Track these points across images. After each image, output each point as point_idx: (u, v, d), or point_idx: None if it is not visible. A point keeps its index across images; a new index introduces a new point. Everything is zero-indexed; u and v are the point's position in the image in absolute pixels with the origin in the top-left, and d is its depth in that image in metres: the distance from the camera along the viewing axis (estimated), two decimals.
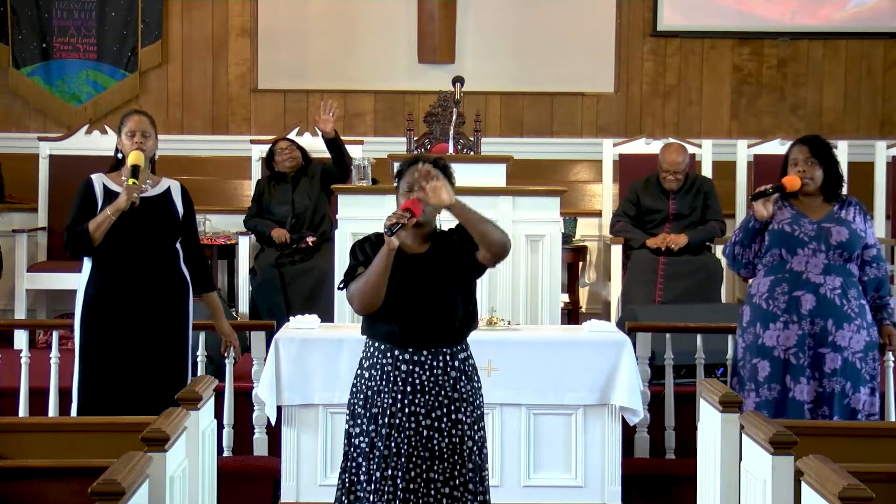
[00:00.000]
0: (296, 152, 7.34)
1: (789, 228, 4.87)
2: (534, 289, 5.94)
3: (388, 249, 3.81)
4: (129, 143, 4.96)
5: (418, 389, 3.93)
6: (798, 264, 4.84)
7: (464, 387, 3.97)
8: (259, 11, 8.67)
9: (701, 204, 7.32)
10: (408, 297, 3.90)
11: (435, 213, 3.98)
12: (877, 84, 8.74)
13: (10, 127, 8.49)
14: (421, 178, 3.87)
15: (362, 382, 4.01)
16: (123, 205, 4.82)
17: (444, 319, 3.93)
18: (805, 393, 4.78)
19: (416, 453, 3.91)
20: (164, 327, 4.93)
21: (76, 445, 3.95)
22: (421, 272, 3.93)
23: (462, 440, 3.94)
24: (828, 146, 4.96)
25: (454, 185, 4.01)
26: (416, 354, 3.94)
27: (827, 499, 3.14)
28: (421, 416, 3.92)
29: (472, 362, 4.05)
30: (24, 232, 7.39)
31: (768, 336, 4.84)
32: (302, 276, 6.99)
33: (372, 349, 4.01)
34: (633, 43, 8.73)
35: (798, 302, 4.80)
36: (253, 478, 5.57)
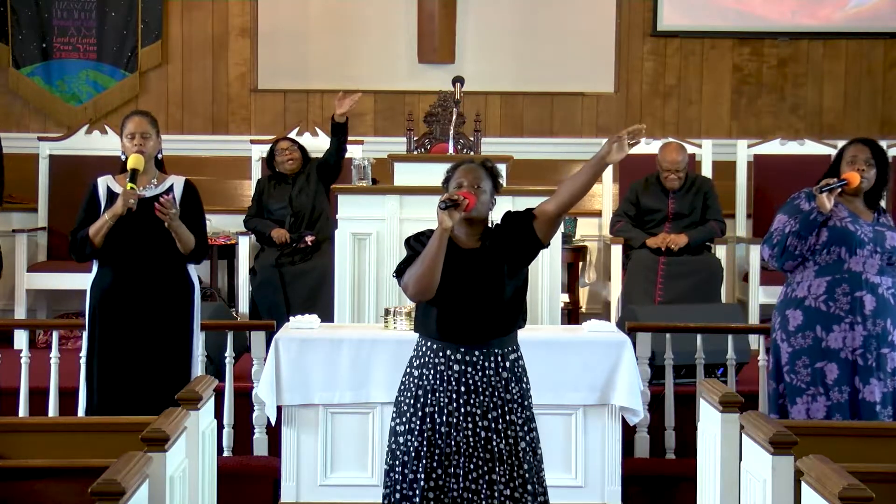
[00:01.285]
0: (296, 153, 7.33)
1: (852, 228, 4.84)
2: (534, 289, 5.93)
3: (441, 230, 3.83)
4: (130, 146, 4.97)
5: (472, 390, 3.96)
6: (856, 264, 4.81)
7: (514, 388, 4.00)
8: (259, 11, 8.66)
9: (701, 204, 7.32)
10: (461, 291, 3.92)
11: (489, 210, 4.01)
12: (877, 84, 8.74)
13: (10, 127, 8.48)
14: (635, 134, 3.87)
15: (412, 381, 4.02)
16: (120, 210, 4.85)
17: (496, 314, 3.96)
18: (876, 394, 4.76)
19: (476, 454, 3.94)
20: (169, 328, 4.94)
21: (76, 445, 3.96)
22: (475, 266, 3.95)
23: (516, 441, 3.97)
24: (885, 153, 4.96)
25: (501, 187, 4.07)
26: (468, 354, 3.96)
27: (827, 499, 3.14)
28: (478, 417, 3.95)
29: (523, 363, 4.08)
30: (24, 232, 7.39)
31: (833, 338, 4.79)
32: (302, 276, 6.99)
33: (424, 348, 4.02)
34: (633, 43, 8.72)
35: (861, 302, 4.78)
36: (253, 478, 5.58)
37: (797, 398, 4.82)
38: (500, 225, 4.04)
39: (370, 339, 5.18)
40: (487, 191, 3.99)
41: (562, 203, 3.95)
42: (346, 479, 5.17)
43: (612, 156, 3.87)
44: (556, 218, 3.98)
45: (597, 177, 3.95)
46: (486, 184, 3.99)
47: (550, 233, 4.00)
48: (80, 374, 5.14)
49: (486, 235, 4.03)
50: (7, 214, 7.94)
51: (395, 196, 5.97)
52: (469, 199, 3.88)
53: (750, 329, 6.30)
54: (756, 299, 7.27)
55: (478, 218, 3.99)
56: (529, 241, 3.98)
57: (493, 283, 3.94)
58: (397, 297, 5.52)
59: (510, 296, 3.97)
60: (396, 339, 5.06)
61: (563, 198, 3.95)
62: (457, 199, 3.84)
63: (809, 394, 4.81)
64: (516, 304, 4.01)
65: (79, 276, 6.07)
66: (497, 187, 4.05)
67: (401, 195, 5.95)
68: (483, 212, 3.99)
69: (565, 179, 4.00)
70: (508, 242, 3.97)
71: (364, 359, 5.16)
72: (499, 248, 3.98)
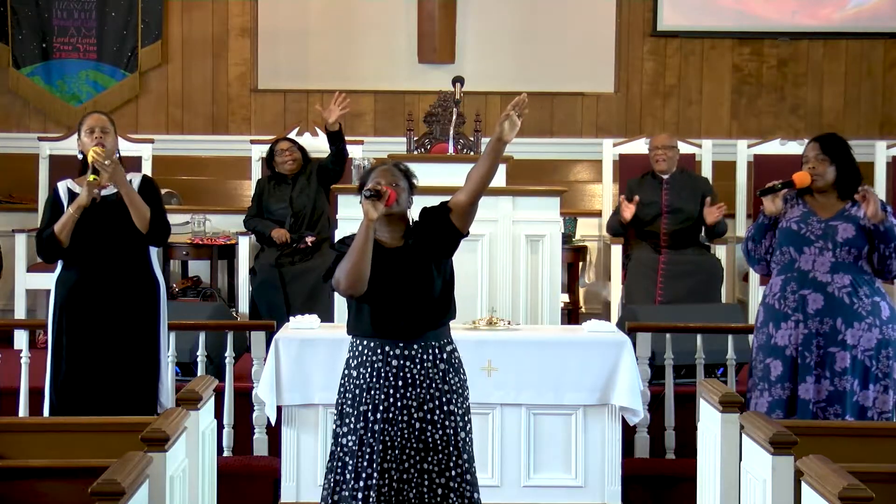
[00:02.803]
0: (297, 153, 7.32)
1: (796, 227, 4.89)
2: (534, 289, 5.94)
3: (367, 221, 3.89)
4: (89, 141, 4.96)
5: (409, 383, 3.99)
6: (805, 263, 4.85)
7: (452, 378, 4.05)
8: (259, 11, 8.66)
9: (698, 199, 7.29)
10: (391, 288, 3.98)
11: (407, 208, 4.08)
12: (877, 84, 8.74)
13: (10, 127, 8.49)
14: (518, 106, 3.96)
15: (350, 381, 4.07)
16: (84, 201, 4.84)
17: (428, 308, 4.01)
18: (811, 392, 4.79)
19: (410, 445, 3.97)
20: (134, 327, 4.94)
21: (76, 445, 3.96)
22: (401, 263, 4.01)
23: (455, 431, 4.01)
24: (841, 143, 4.96)
25: (416, 187, 4.13)
26: (406, 348, 4.00)
27: (827, 499, 3.14)
28: (413, 409, 3.98)
29: (458, 355, 4.13)
30: (24, 232, 7.38)
31: (780, 335, 4.86)
32: (302, 276, 6.99)
33: (361, 347, 4.06)
34: (633, 43, 8.72)
35: (805, 301, 4.82)
36: (253, 478, 5.58)
37: (751, 393, 4.92)
38: (418, 221, 4.10)
39: None
40: (406, 189, 4.07)
41: (471, 192, 4.01)
42: None
43: (507, 134, 3.94)
44: (470, 207, 4.03)
45: (498, 159, 4.01)
46: (402, 182, 4.07)
47: (468, 222, 4.06)
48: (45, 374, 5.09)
49: (408, 234, 4.09)
50: (7, 214, 7.94)
51: None
52: (390, 192, 3.96)
53: (750, 329, 6.28)
54: (756, 299, 7.26)
55: (398, 213, 4.05)
56: (449, 233, 4.04)
57: (422, 279, 4.00)
58: None
59: (440, 289, 4.03)
60: None
61: (471, 186, 4.01)
62: (380, 190, 3.91)
63: (759, 388, 4.90)
64: (446, 297, 4.07)
65: None
66: (412, 187, 4.13)
67: None
68: (403, 208, 4.07)
69: (471, 170, 4.05)
70: (431, 237, 4.04)
71: None
72: (423, 244, 4.04)
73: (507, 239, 5.92)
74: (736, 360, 5.86)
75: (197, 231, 7.51)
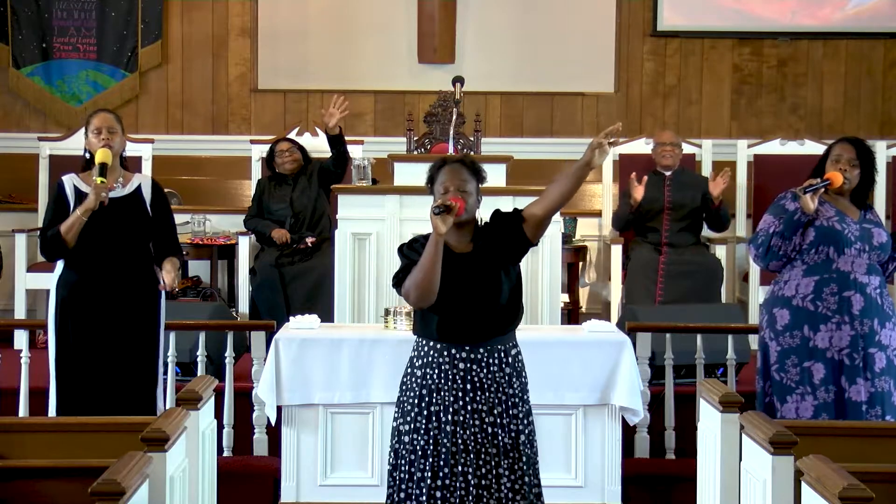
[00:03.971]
0: (297, 154, 7.33)
1: (839, 227, 4.84)
2: (534, 289, 5.94)
3: (436, 236, 3.86)
4: (96, 141, 4.95)
5: (477, 387, 4.00)
6: (844, 264, 4.82)
7: (515, 382, 4.06)
8: (259, 11, 8.66)
9: (699, 198, 7.30)
10: (460, 294, 3.96)
11: (476, 210, 4.05)
12: (877, 84, 8.74)
13: (10, 127, 8.48)
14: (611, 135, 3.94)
15: (414, 381, 4.05)
16: (93, 204, 4.83)
17: (496, 313, 4.00)
18: (862, 394, 4.76)
19: (485, 450, 3.98)
20: (135, 328, 4.94)
21: (76, 445, 3.96)
22: (470, 269, 3.99)
23: (517, 434, 4.02)
24: (871, 151, 4.95)
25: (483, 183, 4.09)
26: (472, 352, 4.00)
27: (827, 499, 3.14)
28: (484, 414, 3.99)
29: (522, 358, 4.14)
30: (24, 232, 7.38)
31: (820, 338, 4.80)
32: (302, 276, 6.99)
33: (426, 348, 4.05)
34: (633, 43, 8.72)
35: (849, 302, 4.79)
36: (253, 478, 5.57)
37: (787, 396, 4.84)
38: (489, 224, 4.08)
39: (370, 339, 5.18)
40: (473, 192, 4.04)
41: (548, 207, 4.00)
42: (346, 479, 5.17)
43: (596, 160, 3.93)
44: (543, 220, 4.03)
45: (581, 182, 4.00)
46: (471, 185, 4.03)
47: (539, 233, 4.06)
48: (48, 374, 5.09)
49: (476, 236, 4.06)
50: (7, 214, 7.94)
51: (395, 196, 5.98)
52: (459, 204, 3.92)
53: (750, 329, 6.28)
54: (756, 299, 7.26)
55: (467, 219, 4.02)
56: (519, 243, 4.03)
57: (490, 286, 3.99)
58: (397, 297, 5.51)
59: (508, 294, 4.02)
60: (396, 339, 5.06)
61: (549, 202, 4.00)
62: (449, 205, 3.88)
63: (798, 393, 4.83)
64: (513, 302, 4.06)
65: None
66: (480, 183, 4.08)
67: (401, 195, 5.95)
68: (472, 213, 4.04)
69: (553, 181, 4.04)
70: (500, 244, 4.02)
71: (364, 359, 5.15)
72: (491, 250, 4.02)
73: None
74: (736, 360, 5.86)
75: (197, 231, 7.51)
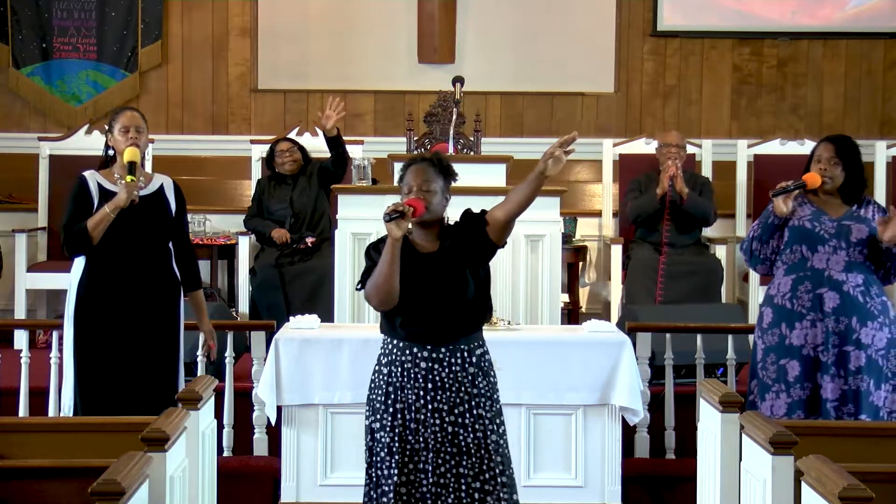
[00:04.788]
0: (297, 154, 7.33)
1: (810, 225, 4.87)
2: (534, 289, 5.94)
3: (392, 240, 3.85)
4: (124, 140, 4.93)
5: (439, 386, 3.98)
6: (819, 262, 4.84)
7: (481, 382, 4.02)
8: (259, 11, 8.66)
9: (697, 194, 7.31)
10: (424, 295, 3.95)
11: (443, 209, 4.01)
12: (877, 84, 8.74)
13: (10, 127, 8.48)
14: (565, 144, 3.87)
15: (382, 378, 4.04)
16: (123, 202, 4.80)
17: (461, 314, 3.99)
18: (829, 391, 4.78)
19: (444, 448, 3.96)
20: (156, 326, 4.92)
21: (76, 445, 3.95)
22: (435, 269, 3.97)
23: (486, 434, 3.99)
24: (854, 147, 4.94)
25: (453, 183, 4.05)
26: (434, 351, 3.98)
27: (827, 499, 3.14)
28: (444, 412, 3.97)
29: (489, 357, 4.10)
30: (24, 232, 7.39)
31: (795, 335, 4.83)
32: (302, 276, 6.99)
33: (391, 346, 4.04)
34: (633, 43, 8.72)
35: (821, 299, 4.80)
36: (253, 478, 5.57)
37: (765, 394, 4.89)
38: (458, 223, 4.05)
39: (370, 339, 5.16)
40: (438, 190, 3.99)
41: (509, 213, 3.97)
42: (346, 479, 5.17)
43: (550, 170, 3.88)
44: (506, 224, 3.99)
45: (538, 190, 3.94)
46: (436, 184, 3.98)
47: (503, 236, 4.02)
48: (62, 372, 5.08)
49: (444, 235, 4.04)
50: (7, 214, 7.94)
51: (395, 196, 5.94)
52: (416, 206, 3.88)
53: (750, 329, 6.28)
54: (756, 299, 7.26)
55: (431, 219, 4.00)
56: (484, 245, 4.00)
57: (456, 285, 3.96)
58: None
59: (474, 295, 4.00)
60: None
61: (509, 208, 3.97)
62: (402, 210, 3.84)
63: (774, 390, 4.87)
64: (481, 301, 4.03)
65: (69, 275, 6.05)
66: (450, 182, 4.04)
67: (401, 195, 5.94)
68: (436, 213, 4.00)
69: (514, 188, 4.01)
70: (467, 244, 4.00)
71: (364, 359, 5.14)
72: (458, 250, 3.99)
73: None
74: (736, 360, 5.86)
75: (197, 231, 7.51)
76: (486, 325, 5.00)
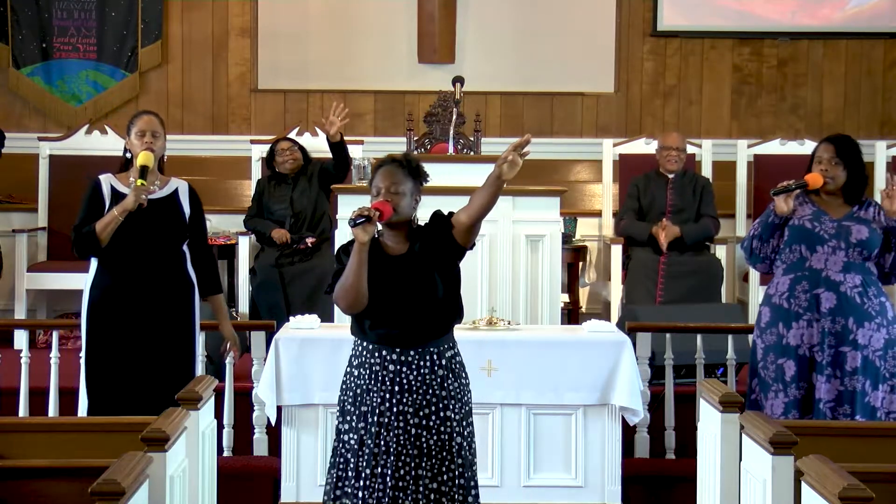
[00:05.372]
0: (297, 153, 7.33)
1: (810, 225, 4.88)
2: (534, 289, 5.94)
3: (358, 244, 3.85)
4: (139, 144, 4.94)
5: (406, 389, 3.97)
6: (817, 262, 4.85)
7: (451, 384, 4.01)
8: (259, 11, 8.66)
9: (698, 199, 7.32)
10: (393, 297, 3.94)
11: (412, 211, 4.01)
12: (877, 84, 8.74)
13: (10, 127, 8.46)
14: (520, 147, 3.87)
15: (351, 380, 4.06)
16: (131, 205, 4.81)
17: (430, 316, 3.98)
18: (824, 391, 4.78)
19: (405, 451, 3.95)
20: (170, 329, 4.93)
21: (76, 445, 3.95)
22: (405, 271, 3.97)
23: (451, 437, 3.98)
24: (855, 147, 4.95)
25: (425, 184, 4.05)
26: (403, 354, 3.98)
27: (827, 499, 3.14)
28: (409, 415, 3.96)
29: (460, 359, 4.09)
30: (24, 232, 7.39)
31: (792, 335, 4.84)
32: (302, 276, 6.99)
33: (360, 348, 4.05)
34: (633, 43, 8.72)
35: (818, 300, 4.81)
36: (253, 478, 5.57)
37: (767, 394, 4.90)
38: (427, 225, 4.04)
39: None
40: (407, 192, 3.97)
41: (472, 216, 3.96)
42: None
43: (506, 174, 3.87)
44: (470, 227, 3.98)
45: (497, 193, 3.93)
46: (405, 186, 3.96)
47: (470, 239, 4.01)
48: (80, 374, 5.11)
49: (412, 236, 4.03)
50: (7, 214, 7.94)
51: None
52: (383, 209, 3.87)
53: (750, 329, 6.29)
54: (756, 299, 7.26)
55: (399, 221, 3.98)
56: (451, 247, 3.99)
57: (424, 287, 3.95)
58: None
59: (443, 296, 3.98)
60: None
61: (472, 211, 3.95)
62: (368, 214, 3.82)
63: (773, 389, 4.88)
64: (450, 302, 4.02)
65: (79, 276, 6.04)
66: (420, 183, 4.03)
67: None
68: (404, 215, 3.98)
69: (475, 192, 3.99)
70: (434, 246, 3.99)
71: None
72: (426, 252, 3.98)
73: (507, 239, 5.92)
74: (736, 360, 5.86)
75: None
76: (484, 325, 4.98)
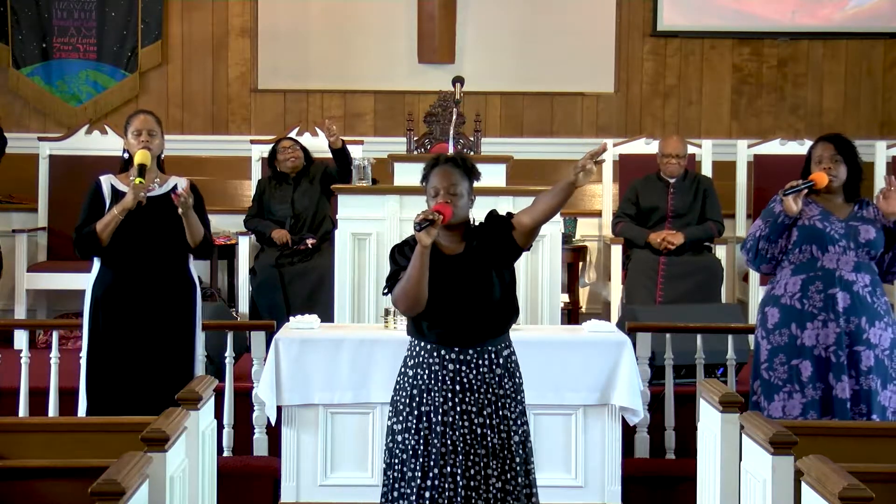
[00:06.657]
0: (298, 152, 7.33)
1: (820, 225, 4.86)
2: (534, 289, 5.94)
3: (421, 248, 3.84)
4: (136, 143, 4.97)
5: (467, 388, 3.99)
6: (829, 262, 4.84)
7: (507, 383, 4.04)
8: (259, 11, 8.66)
9: (700, 202, 7.32)
10: (450, 296, 3.95)
11: (468, 210, 4.02)
12: (877, 84, 8.74)
13: (10, 127, 8.46)
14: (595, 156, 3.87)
15: (407, 381, 4.05)
16: (130, 204, 4.83)
17: (487, 315, 3.99)
18: (847, 391, 4.78)
19: (473, 451, 3.97)
20: (171, 329, 4.94)
21: (76, 445, 3.96)
22: (461, 271, 3.98)
23: (509, 435, 4.01)
24: (852, 145, 4.96)
25: (477, 181, 4.05)
26: (462, 353, 4.00)
27: (827, 499, 3.14)
28: (473, 414, 3.98)
29: (515, 358, 4.11)
30: (24, 232, 7.39)
31: (807, 336, 4.82)
32: (302, 276, 6.99)
33: (418, 349, 4.05)
34: (633, 43, 8.72)
35: (834, 300, 4.80)
36: (253, 478, 5.57)
37: (774, 395, 4.86)
38: (483, 224, 4.06)
39: (370, 339, 5.19)
40: (465, 193, 3.99)
41: (536, 219, 3.97)
42: (346, 479, 5.18)
43: (581, 181, 3.88)
44: (532, 230, 4.00)
45: (567, 198, 3.95)
46: (462, 186, 3.98)
47: (529, 241, 4.03)
48: (80, 374, 5.12)
49: (468, 236, 4.04)
50: (7, 214, 7.94)
51: (395, 196, 5.98)
52: (444, 212, 3.88)
53: (750, 329, 6.28)
54: (756, 299, 7.26)
55: (457, 222, 3.99)
56: (510, 248, 4.01)
57: (482, 287, 3.97)
58: None
59: (500, 296, 4.00)
60: (396, 339, 5.04)
61: (537, 214, 3.97)
62: (432, 218, 3.83)
63: (786, 391, 4.85)
64: (507, 302, 4.04)
65: (79, 276, 6.06)
66: (473, 182, 4.04)
67: (401, 195, 5.95)
68: (462, 215, 4.00)
69: (541, 194, 4.01)
70: (492, 246, 4.00)
71: (364, 359, 5.16)
72: (483, 252, 4.00)
73: None
74: (736, 360, 5.86)
75: None
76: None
